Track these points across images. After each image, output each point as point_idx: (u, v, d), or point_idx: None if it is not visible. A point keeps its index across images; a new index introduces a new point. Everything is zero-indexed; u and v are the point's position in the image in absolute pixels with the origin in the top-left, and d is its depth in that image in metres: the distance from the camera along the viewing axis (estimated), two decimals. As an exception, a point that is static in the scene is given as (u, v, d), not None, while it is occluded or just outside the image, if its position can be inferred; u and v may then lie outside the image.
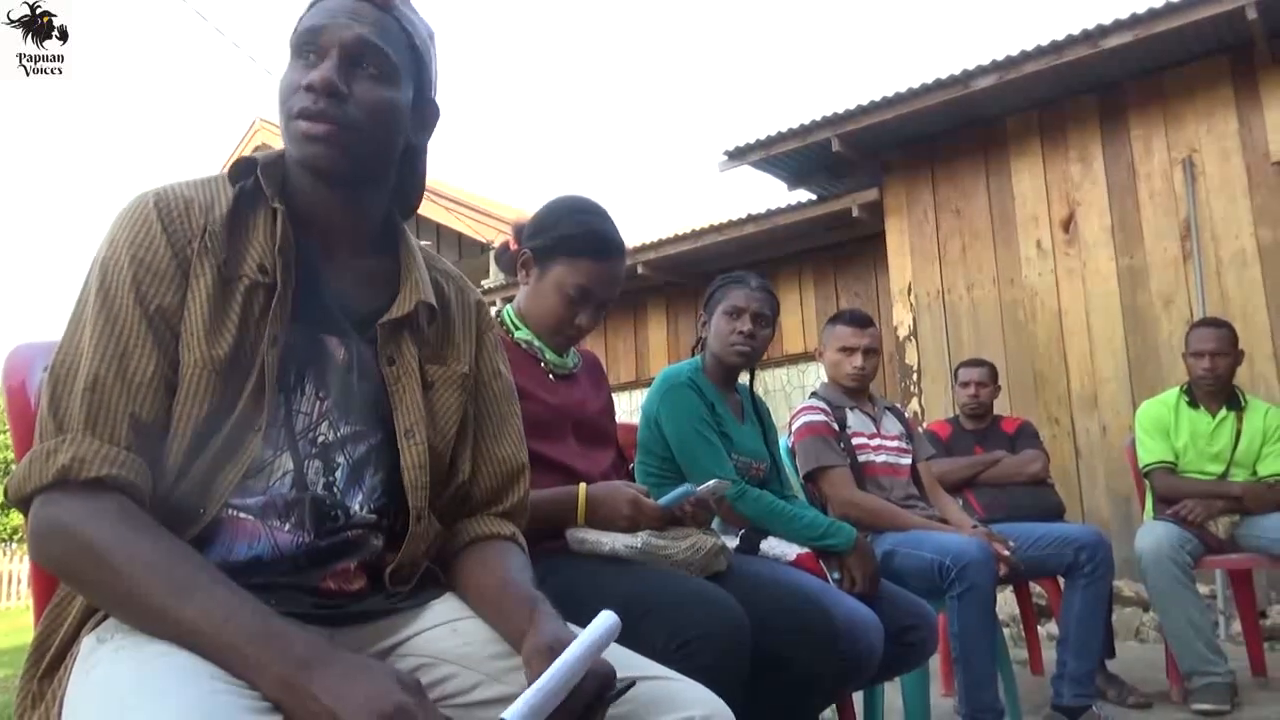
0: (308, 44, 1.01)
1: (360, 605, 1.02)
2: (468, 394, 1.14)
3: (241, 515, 0.96)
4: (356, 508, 1.02)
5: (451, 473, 1.11)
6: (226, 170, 1.04)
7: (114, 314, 0.92)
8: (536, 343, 1.69)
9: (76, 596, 0.92)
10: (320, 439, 1.01)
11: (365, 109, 1.01)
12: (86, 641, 0.87)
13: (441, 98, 1.16)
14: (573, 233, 1.66)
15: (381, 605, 1.03)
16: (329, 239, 1.07)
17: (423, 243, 1.18)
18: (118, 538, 0.84)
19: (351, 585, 1.02)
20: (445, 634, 1.01)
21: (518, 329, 1.71)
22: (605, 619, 0.89)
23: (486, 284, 8.55)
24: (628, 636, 0.96)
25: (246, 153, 10.24)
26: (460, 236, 9.68)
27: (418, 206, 1.21)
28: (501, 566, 1.07)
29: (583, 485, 1.56)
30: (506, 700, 0.80)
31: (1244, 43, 5.15)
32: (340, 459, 1.02)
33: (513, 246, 1.75)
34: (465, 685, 0.97)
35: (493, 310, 1.73)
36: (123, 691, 0.77)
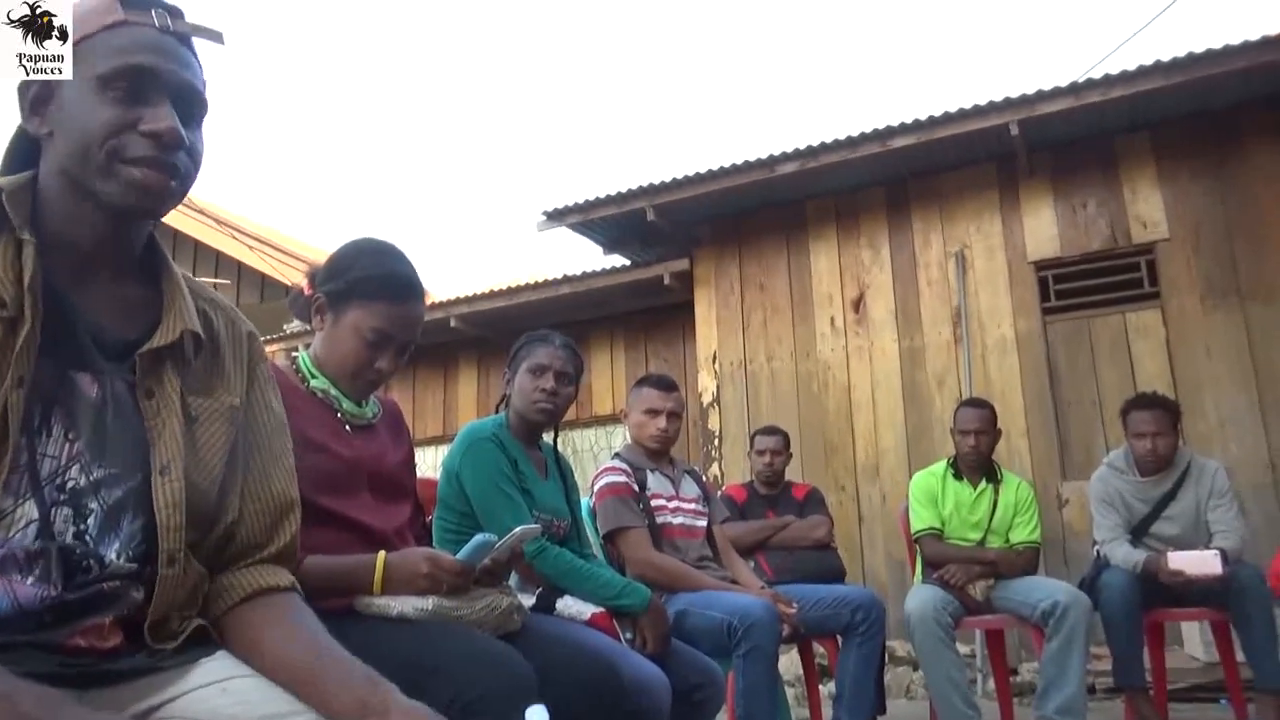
0: (135, 82, 0.97)
1: (115, 664, 0.94)
2: (236, 427, 1.09)
3: None
4: (113, 556, 0.95)
5: (218, 511, 1.05)
6: None
7: None
8: (333, 391, 1.64)
9: None
10: (70, 484, 0.93)
11: (193, 159, 1.02)
12: None
13: (250, 131, 1.15)
14: (367, 275, 1.61)
15: (141, 664, 0.96)
16: (84, 266, 1.01)
17: (221, 281, 1.14)
18: None
19: (105, 642, 0.94)
20: (214, 694, 0.95)
21: (314, 377, 1.64)
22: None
23: (290, 328, 8.17)
24: (413, 695, 0.94)
25: None
26: (263, 277, 9.24)
27: None
28: (301, 629, 1.02)
29: (381, 554, 1.51)
30: None
31: (1008, 154, 5.83)
32: (93, 505, 0.95)
33: (307, 291, 1.69)
34: None
35: (287, 357, 1.67)
36: None
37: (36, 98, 1.01)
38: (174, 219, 8.89)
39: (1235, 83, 5.20)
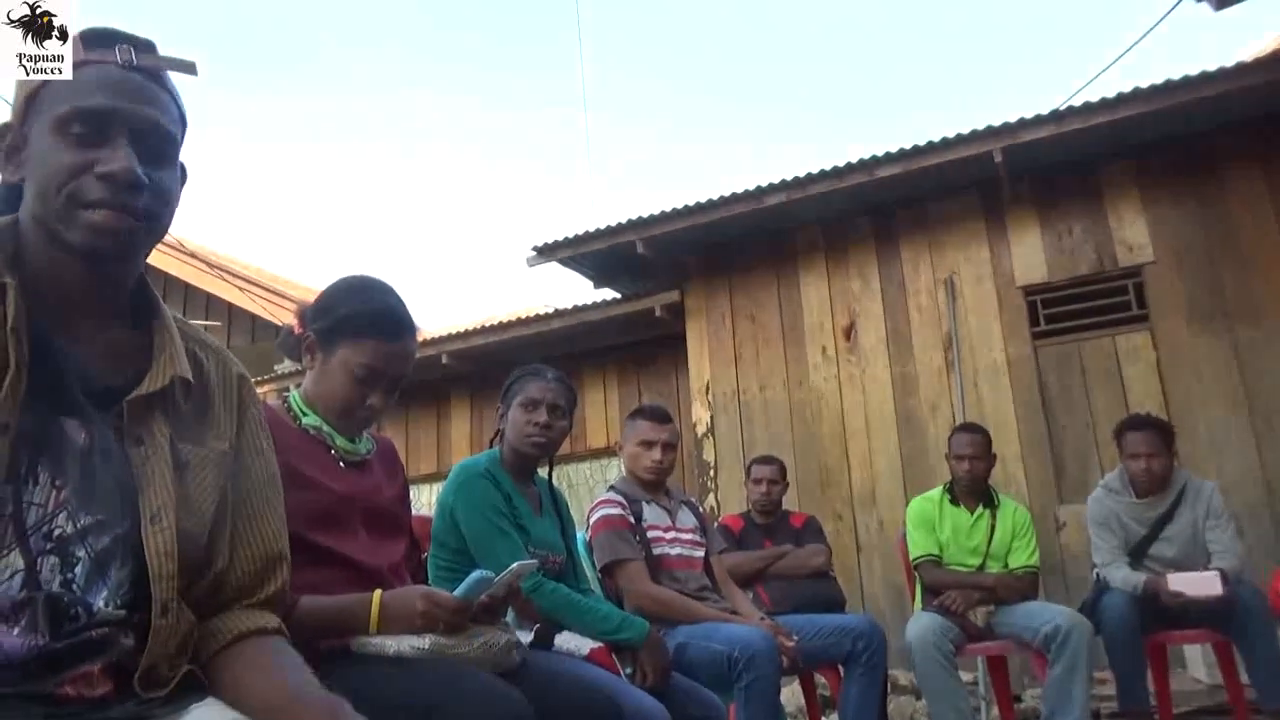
0: (91, 124, 0.95)
1: (104, 713, 0.92)
2: (227, 474, 1.07)
3: None
4: (101, 604, 0.93)
5: (208, 559, 1.03)
6: None
7: None
8: (325, 428, 1.63)
9: None
10: (57, 532, 0.92)
11: (160, 198, 0.99)
12: None
13: (239, 171, 1.14)
14: (357, 312, 1.61)
15: (130, 711, 0.94)
16: (70, 310, 1.00)
17: (212, 323, 1.12)
18: None
19: (95, 691, 0.92)
20: None
21: (305, 415, 1.64)
22: None
23: (280, 369, 8.14)
24: None
25: None
26: (254, 318, 9.22)
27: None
28: (282, 669, 1.01)
29: (377, 592, 1.49)
30: None
31: (993, 181, 5.88)
32: (81, 552, 0.93)
33: (297, 330, 1.69)
34: None
35: (280, 396, 1.66)
36: None
37: (11, 145, 1.01)
38: (164, 262, 8.90)
39: (1213, 108, 5.27)
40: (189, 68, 1.04)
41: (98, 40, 1.00)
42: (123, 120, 0.96)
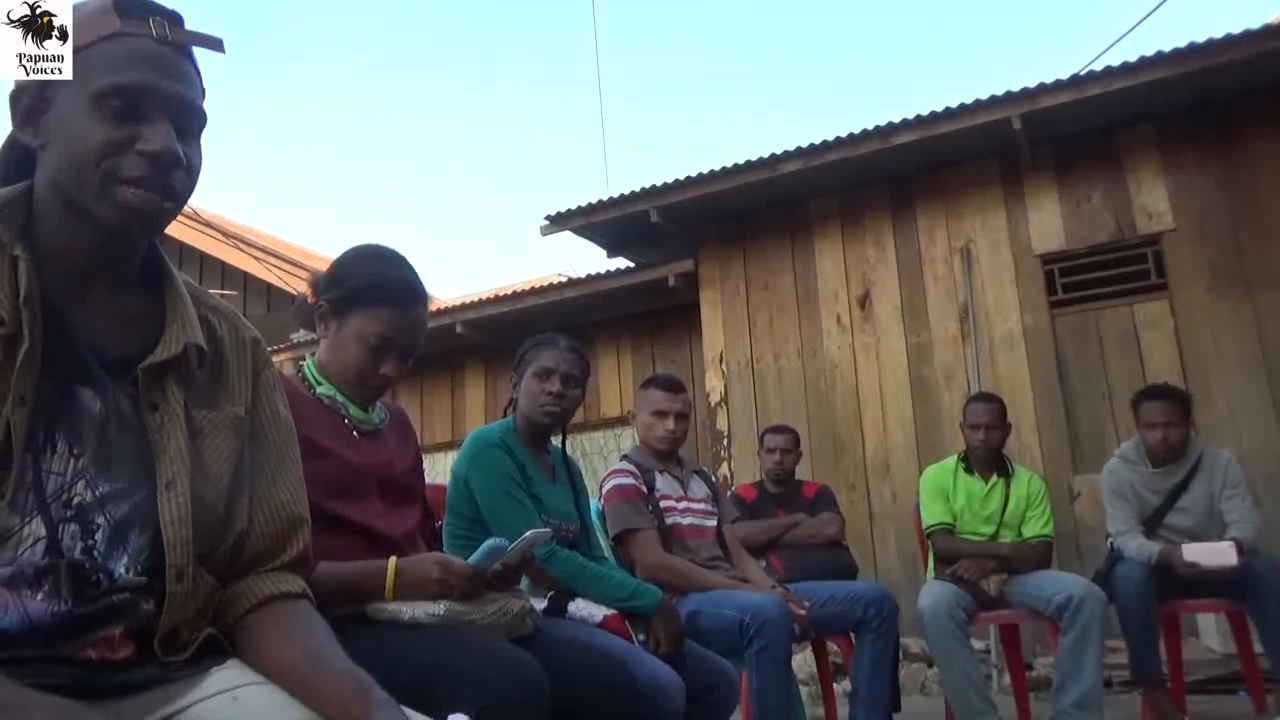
0: (129, 99, 0.95)
1: (126, 675, 0.94)
2: (242, 438, 1.08)
3: None
4: (122, 570, 0.95)
5: (226, 524, 1.04)
6: None
7: None
8: (339, 398, 1.64)
9: None
10: (76, 500, 0.93)
11: (192, 174, 1.00)
12: None
13: (254, 140, 1.13)
14: (370, 281, 1.62)
15: (152, 674, 0.95)
16: (82, 280, 1.00)
17: (228, 292, 1.12)
18: None
19: (116, 654, 0.94)
20: (225, 703, 0.95)
21: (320, 384, 1.65)
22: None
23: (296, 338, 8.19)
24: (427, 702, 0.94)
25: None
26: (270, 287, 9.26)
27: None
28: (306, 636, 1.01)
29: (393, 559, 1.51)
30: None
31: (1011, 148, 5.81)
32: (100, 520, 0.94)
33: (310, 299, 1.69)
34: None
35: (295, 365, 1.67)
36: None
37: (29, 108, 0.99)
38: (179, 231, 8.93)
39: (1237, 72, 5.18)
40: (217, 44, 1.04)
41: (130, 9, 0.98)
42: (161, 97, 0.96)
